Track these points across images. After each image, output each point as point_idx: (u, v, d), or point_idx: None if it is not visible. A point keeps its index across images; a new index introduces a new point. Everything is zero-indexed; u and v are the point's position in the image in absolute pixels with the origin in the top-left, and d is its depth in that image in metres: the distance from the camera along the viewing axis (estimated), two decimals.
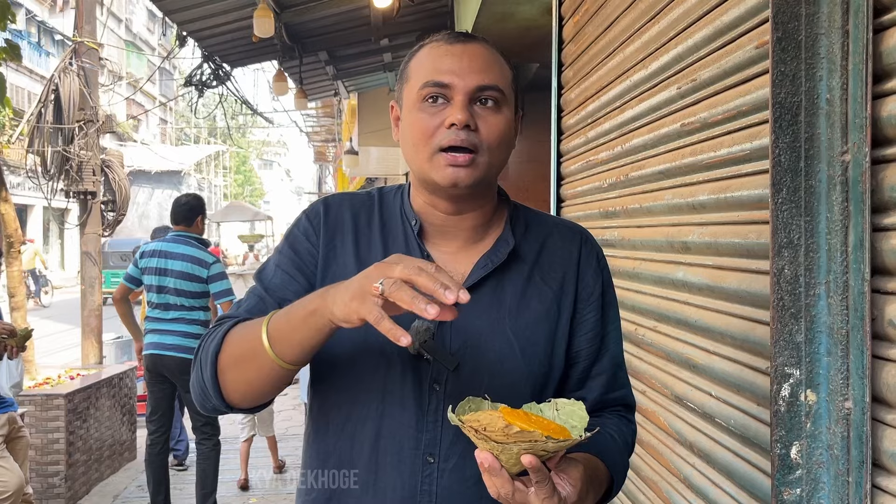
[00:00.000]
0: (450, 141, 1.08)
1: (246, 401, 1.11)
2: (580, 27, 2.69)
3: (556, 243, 1.23)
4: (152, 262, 4.33)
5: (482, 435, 0.90)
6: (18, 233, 5.26)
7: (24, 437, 3.95)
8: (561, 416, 1.01)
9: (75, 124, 6.68)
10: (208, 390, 1.10)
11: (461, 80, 1.09)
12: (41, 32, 27.03)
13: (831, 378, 1.10)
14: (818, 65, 1.10)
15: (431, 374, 1.11)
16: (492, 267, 1.16)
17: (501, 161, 1.14)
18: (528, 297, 1.17)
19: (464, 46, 1.12)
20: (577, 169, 2.76)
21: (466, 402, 0.99)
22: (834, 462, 1.10)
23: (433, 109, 1.10)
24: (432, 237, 1.19)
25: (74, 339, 9.56)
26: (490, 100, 1.10)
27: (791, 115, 1.11)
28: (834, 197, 1.09)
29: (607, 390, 1.23)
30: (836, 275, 1.09)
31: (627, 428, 1.24)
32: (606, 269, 1.26)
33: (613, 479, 1.14)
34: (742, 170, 1.48)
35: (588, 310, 1.21)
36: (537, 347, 1.15)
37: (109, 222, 7.43)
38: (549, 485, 0.92)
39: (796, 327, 1.12)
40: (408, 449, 1.12)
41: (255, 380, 1.07)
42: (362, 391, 1.14)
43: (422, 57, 1.15)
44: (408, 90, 1.15)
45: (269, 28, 5.03)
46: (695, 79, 1.68)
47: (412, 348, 1.09)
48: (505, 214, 1.23)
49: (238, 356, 1.07)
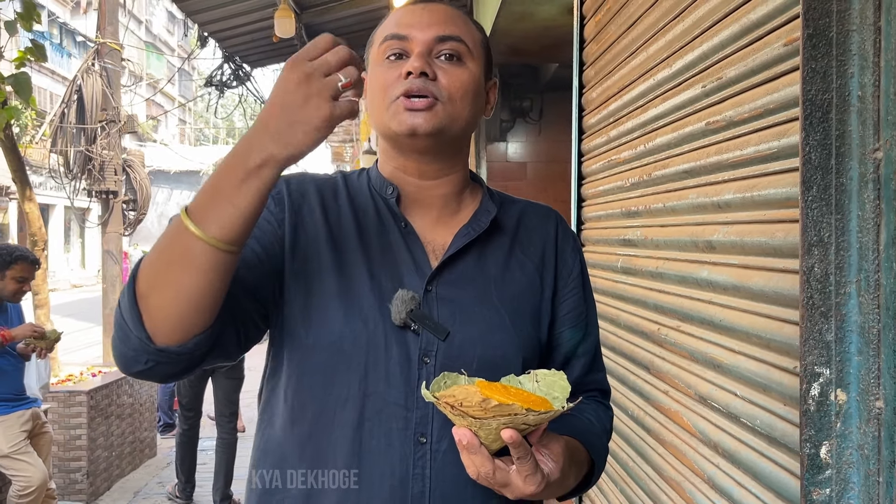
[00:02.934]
0: (406, 88, 1.04)
1: (172, 323, 0.90)
2: (602, 26, 2.68)
3: (533, 221, 1.22)
4: None
5: (458, 411, 0.85)
6: (42, 231, 5.32)
7: (47, 432, 4.01)
8: (542, 388, 0.96)
9: (98, 124, 6.75)
10: (127, 325, 0.90)
11: (420, 31, 1.07)
12: (63, 34, 27.33)
13: (862, 377, 1.09)
14: (849, 61, 1.09)
15: (421, 345, 1.04)
16: (474, 235, 1.12)
17: (468, 117, 1.09)
18: (512, 268, 1.15)
19: (425, 4, 1.11)
20: (598, 168, 2.75)
21: (442, 378, 0.94)
22: (864, 462, 1.09)
23: (393, 64, 1.07)
24: (408, 206, 1.14)
25: (95, 336, 9.65)
26: (452, 53, 1.07)
27: (822, 112, 1.10)
28: (865, 195, 1.08)
29: (587, 372, 1.22)
30: (868, 273, 1.08)
31: (605, 413, 1.23)
32: (581, 252, 1.25)
33: (594, 462, 1.11)
34: (769, 168, 1.47)
35: (569, 288, 1.20)
36: (525, 318, 1.12)
37: (130, 221, 7.50)
38: (531, 461, 0.88)
39: (826, 326, 1.11)
40: (396, 430, 1.03)
41: (182, 283, 0.88)
42: (341, 371, 1.03)
43: (384, 22, 1.14)
44: (372, 51, 1.13)
45: (290, 28, 5.06)
46: (720, 77, 1.67)
47: (398, 318, 1.03)
48: (480, 190, 1.21)
49: (157, 266, 0.90)
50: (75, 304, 18.26)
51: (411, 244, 1.11)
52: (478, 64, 1.11)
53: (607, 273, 2.62)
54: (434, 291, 1.08)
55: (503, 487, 0.90)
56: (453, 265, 1.11)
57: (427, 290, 1.08)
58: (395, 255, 1.09)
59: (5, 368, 3.73)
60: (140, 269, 0.92)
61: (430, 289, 1.08)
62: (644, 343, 2.24)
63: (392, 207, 1.13)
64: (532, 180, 6.24)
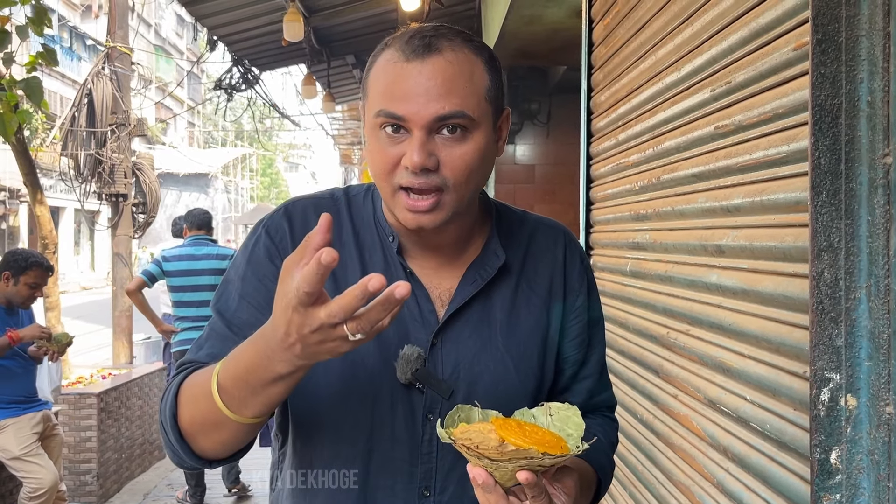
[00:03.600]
0: (409, 183, 0.97)
1: (225, 455, 1.00)
2: (610, 30, 2.68)
3: (540, 246, 1.18)
4: (181, 265, 4.70)
5: (475, 452, 0.86)
6: (53, 234, 5.35)
7: (58, 434, 4.03)
8: (555, 423, 0.97)
9: (108, 128, 6.79)
10: (183, 457, 0.98)
11: (417, 110, 0.95)
12: (73, 37, 27.49)
13: (872, 383, 1.09)
14: (859, 67, 1.09)
15: (425, 403, 1.05)
16: (481, 283, 1.09)
17: (475, 187, 1.04)
18: (518, 309, 1.12)
19: (422, 64, 0.96)
20: (607, 171, 2.75)
21: (456, 412, 0.94)
22: (874, 467, 1.09)
23: (390, 140, 0.98)
24: (412, 252, 1.10)
25: (104, 339, 9.70)
26: (456, 127, 0.97)
27: (831, 117, 1.10)
28: (875, 200, 1.08)
29: (593, 394, 1.21)
30: (878, 278, 1.08)
31: (610, 426, 1.24)
32: (590, 269, 1.24)
33: (601, 480, 1.13)
34: (778, 172, 1.47)
35: (574, 314, 1.18)
36: (530, 361, 1.12)
37: (140, 224, 7.54)
38: (544, 498, 0.89)
39: (836, 331, 1.11)
40: (401, 484, 1.05)
41: (226, 440, 0.95)
42: (348, 428, 1.05)
43: (378, 71, 1.01)
44: (367, 108, 1.02)
45: (299, 32, 5.08)
46: (729, 81, 1.67)
47: (403, 377, 1.03)
48: (488, 221, 1.15)
49: (199, 422, 0.95)
50: (85, 307, 18.35)
51: (417, 293, 1.08)
52: (485, 123, 1.01)
53: (616, 276, 2.62)
54: (440, 345, 1.07)
55: None
56: (459, 314, 1.09)
57: (433, 344, 1.07)
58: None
59: (16, 371, 3.76)
60: (179, 410, 0.96)
61: (436, 342, 1.07)
62: (653, 347, 2.24)
63: (397, 256, 1.09)
64: (540, 183, 6.24)
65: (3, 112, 4.08)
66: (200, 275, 4.69)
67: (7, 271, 3.75)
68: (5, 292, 3.75)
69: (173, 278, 4.73)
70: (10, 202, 22.25)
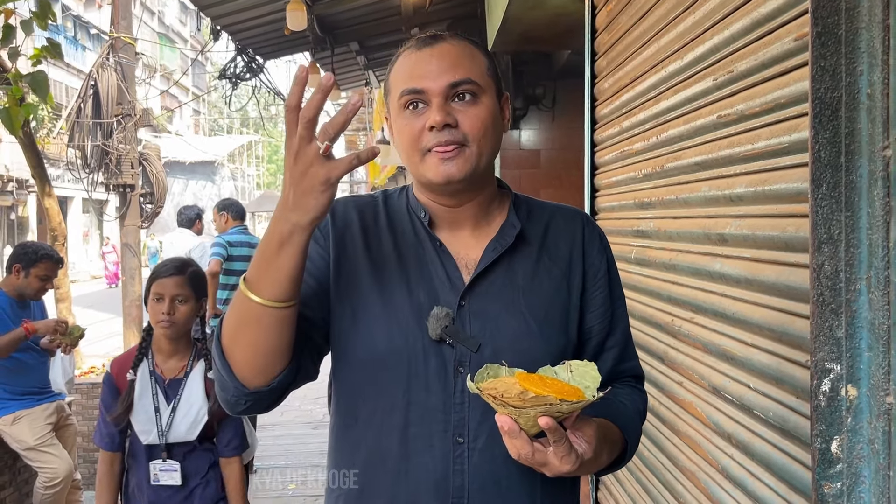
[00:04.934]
0: (435, 142, 1.13)
1: (257, 372, 1.09)
2: (613, 16, 2.68)
3: (560, 225, 1.28)
4: (243, 251, 5.11)
5: (500, 401, 0.95)
6: (62, 227, 5.39)
7: (71, 424, 4.08)
8: (575, 378, 1.05)
9: (113, 119, 6.81)
10: (224, 377, 1.10)
11: (433, 81, 1.13)
12: (77, 27, 27.47)
13: (872, 373, 1.10)
14: (859, 59, 1.10)
15: (456, 357, 1.15)
16: (501, 250, 1.20)
17: (492, 148, 1.18)
18: (539, 276, 1.22)
19: (431, 49, 1.17)
20: (611, 159, 2.75)
21: (485, 370, 1.04)
22: (875, 457, 1.10)
23: (414, 115, 1.15)
24: (440, 227, 1.23)
25: (115, 327, 9.77)
26: (466, 93, 1.14)
27: (831, 110, 1.11)
28: (875, 192, 1.09)
29: (619, 362, 1.29)
30: (878, 270, 1.09)
31: (639, 396, 1.30)
32: (609, 249, 1.31)
33: (627, 441, 1.19)
34: (780, 162, 1.47)
35: (596, 287, 1.26)
36: (552, 324, 1.20)
37: (148, 214, 7.57)
38: (565, 443, 0.97)
39: (836, 322, 1.12)
40: (438, 432, 1.15)
41: (256, 339, 1.07)
42: (387, 382, 1.16)
43: (398, 67, 1.20)
44: (392, 101, 1.20)
45: (303, 21, 5.07)
46: (731, 70, 1.67)
47: (434, 334, 1.14)
48: (507, 202, 1.27)
49: (233, 326, 1.09)
50: (95, 296, 18.47)
51: (445, 261, 1.20)
52: (490, 93, 1.18)
53: (621, 264, 2.62)
54: (467, 306, 1.17)
55: (542, 467, 1.00)
56: (484, 279, 1.20)
57: (461, 305, 1.17)
58: (430, 272, 1.19)
59: (30, 363, 3.80)
60: (222, 328, 1.11)
61: (464, 303, 1.18)
62: (658, 334, 2.25)
63: (427, 230, 1.22)
64: (546, 168, 6.21)
65: (9, 106, 4.09)
66: None
67: (18, 264, 3.78)
68: (16, 285, 3.78)
69: (235, 262, 5.08)
70: (19, 193, 22.34)
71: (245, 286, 1.06)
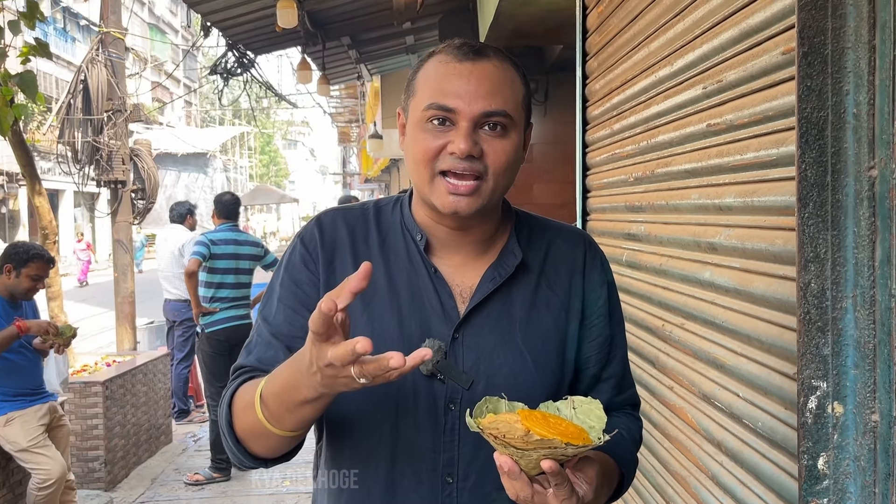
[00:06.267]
0: (451, 167, 1.06)
1: (276, 454, 1.09)
2: (605, 17, 2.67)
3: (561, 248, 1.22)
4: (227, 248, 5.08)
5: (501, 441, 0.91)
6: (53, 224, 5.36)
7: (64, 425, 4.08)
8: (578, 416, 1.02)
9: (104, 114, 6.76)
10: (242, 458, 1.08)
11: (467, 105, 1.05)
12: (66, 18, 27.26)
13: (858, 391, 1.11)
14: (845, 79, 1.10)
15: (447, 393, 1.11)
16: (500, 280, 1.15)
17: (507, 184, 1.12)
18: (537, 307, 1.17)
19: (472, 66, 1.08)
20: (602, 160, 2.75)
21: (484, 403, 0.99)
22: (861, 473, 1.11)
23: (437, 131, 1.07)
24: (436, 250, 1.17)
25: (107, 322, 9.76)
26: (497, 125, 1.07)
27: (817, 129, 1.11)
28: (861, 212, 1.09)
29: (617, 393, 1.25)
30: (864, 289, 1.10)
31: (635, 424, 1.27)
32: (610, 273, 1.27)
33: (624, 475, 1.16)
34: (769, 174, 1.48)
35: (595, 316, 1.21)
36: (549, 357, 1.16)
37: (140, 210, 7.54)
38: (567, 486, 0.94)
39: (823, 340, 1.13)
40: (426, 470, 1.11)
41: (273, 446, 1.05)
42: (374, 417, 1.12)
43: (429, 71, 1.11)
44: (414, 105, 1.11)
45: (293, 18, 5.04)
46: (721, 80, 1.67)
47: (425, 369, 1.09)
48: (509, 224, 1.21)
49: (248, 430, 1.05)
50: (87, 290, 18.42)
51: (440, 289, 1.14)
52: (520, 126, 1.11)
53: (612, 266, 2.61)
54: (461, 339, 1.12)
55: None
56: (480, 310, 1.14)
57: (454, 338, 1.12)
58: (423, 300, 1.13)
59: (22, 364, 3.79)
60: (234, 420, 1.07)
61: (457, 336, 1.12)
62: (649, 338, 2.26)
63: (422, 254, 1.16)
64: (539, 162, 6.21)
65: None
66: (242, 259, 5.13)
67: (9, 264, 3.76)
68: (7, 285, 3.77)
69: (219, 261, 5.06)
70: (10, 186, 22.21)
71: (262, 413, 1.00)
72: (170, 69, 24.31)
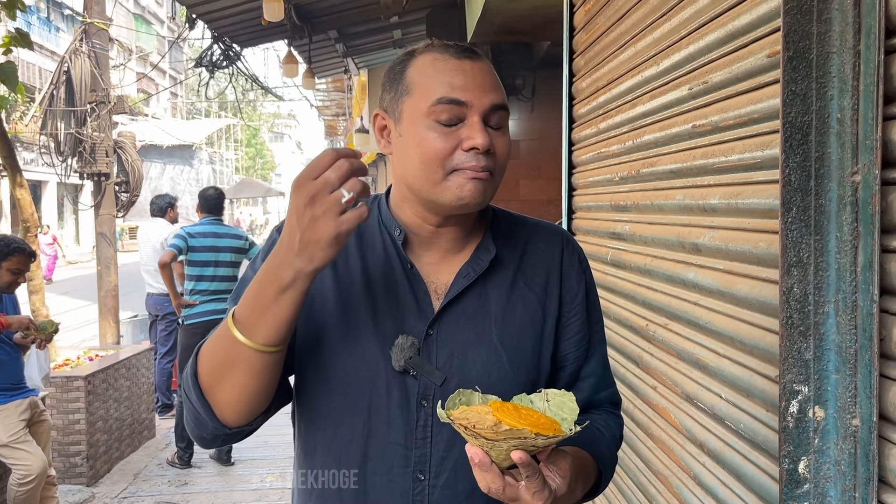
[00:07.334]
0: (468, 164, 1.04)
1: (242, 413, 1.04)
2: (591, 16, 2.67)
3: (538, 246, 1.21)
4: (206, 241, 5.08)
5: (472, 432, 0.90)
6: (35, 218, 5.30)
7: (45, 420, 4.04)
8: (552, 408, 1.00)
9: (87, 106, 6.69)
10: (202, 415, 1.04)
11: (477, 98, 1.05)
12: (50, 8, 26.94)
13: (839, 395, 1.12)
14: (829, 84, 1.10)
15: (419, 390, 1.09)
16: (474, 276, 1.14)
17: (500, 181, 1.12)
18: (513, 303, 1.16)
19: (472, 63, 1.08)
20: (588, 159, 2.75)
21: (457, 395, 0.99)
22: (841, 478, 1.12)
23: (447, 129, 1.05)
24: (414, 247, 1.16)
25: (90, 314, 9.67)
26: (500, 120, 1.08)
27: (801, 134, 1.11)
28: (844, 217, 1.10)
29: (596, 391, 1.24)
30: (846, 294, 1.10)
31: (615, 422, 1.25)
32: (588, 270, 1.25)
33: (602, 472, 1.15)
34: (753, 177, 1.48)
35: (573, 313, 1.20)
36: (524, 354, 1.14)
37: (123, 203, 7.47)
38: (538, 478, 0.92)
39: (805, 345, 1.14)
40: (397, 467, 1.10)
41: (243, 383, 1.01)
42: (347, 412, 1.11)
43: (426, 69, 1.08)
44: (412, 104, 1.08)
45: (279, 12, 5.00)
46: (706, 81, 1.67)
47: (397, 365, 1.08)
48: (485, 221, 1.20)
49: (217, 366, 1.02)
50: (70, 282, 18.25)
51: (415, 285, 1.13)
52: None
53: (597, 264, 2.63)
54: (435, 334, 1.11)
55: (513, 502, 0.94)
56: (455, 305, 1.13)
57: (428, 334, 1.11)
58: (398, 297, 1.13)
59: (2, 359, 3.75)
60: (199, 365, 1.04)
61: (432, 332, 1.11)
62: (633, 337, 2.26)
63: (399, 250, 1.15)
64: (526, 158, 6.21)
65: None
66: (222, 251, 5.11)
67: None
68: None
69: (197, 253, 5.06)
70: None
71: (234, 327, 0.98)
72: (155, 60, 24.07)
